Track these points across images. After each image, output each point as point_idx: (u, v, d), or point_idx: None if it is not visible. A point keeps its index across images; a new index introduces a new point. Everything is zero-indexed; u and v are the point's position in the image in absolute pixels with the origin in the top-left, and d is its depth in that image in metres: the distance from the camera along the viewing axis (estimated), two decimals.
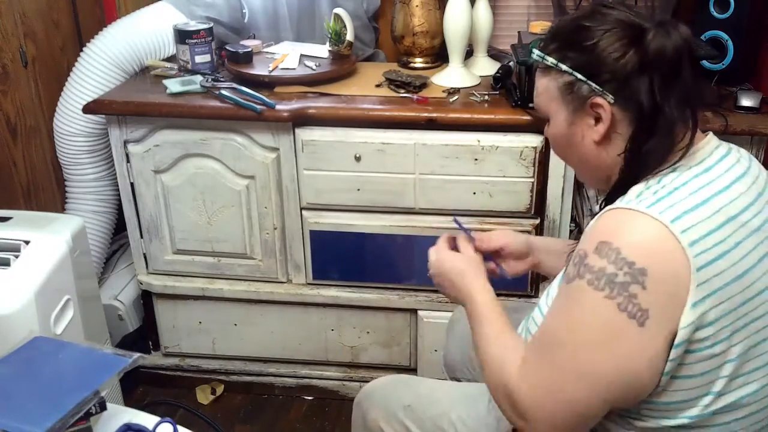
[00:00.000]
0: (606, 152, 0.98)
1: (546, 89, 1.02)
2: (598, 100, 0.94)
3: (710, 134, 0.99)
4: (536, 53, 1.03)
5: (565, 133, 1.01)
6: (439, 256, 1.21)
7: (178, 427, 1.08)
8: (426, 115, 1.73)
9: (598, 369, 0.87)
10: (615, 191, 0.96)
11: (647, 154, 0.93)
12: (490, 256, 1.28)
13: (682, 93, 0.92)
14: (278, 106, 1.75)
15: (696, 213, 0.87)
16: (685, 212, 0.86)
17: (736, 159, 0.97)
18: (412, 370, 2.04)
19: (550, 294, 1.06)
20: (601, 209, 0.95)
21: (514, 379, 0.94)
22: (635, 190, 0.92)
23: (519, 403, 0.93)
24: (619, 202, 0.91)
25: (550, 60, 0.99)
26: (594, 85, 0.95)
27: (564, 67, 0.97)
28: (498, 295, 1.12)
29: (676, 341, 0.85)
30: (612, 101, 0.94)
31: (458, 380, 1.48)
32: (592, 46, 0.94)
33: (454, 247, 1.23)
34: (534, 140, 1.71)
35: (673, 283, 0.84)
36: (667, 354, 0.86)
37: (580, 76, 0.96)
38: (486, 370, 1.01)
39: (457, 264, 1.17)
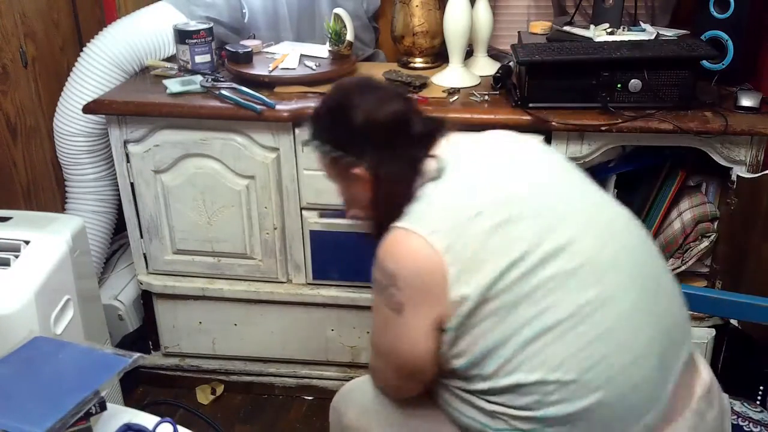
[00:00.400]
0: (375, 208, 1.18)
1: (324, 164, 1.22)
2: (357, 170, 1.14)
3: (454, 135, 1.18)
4: (311, 144, 1.23)
5: (345, 196, 1.24)
6: None
7: (178, 427, 1.08)
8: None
9: (380, 346, 1.15)
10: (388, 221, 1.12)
11: (390, 202, 1.11)
12: None
13: (398, 157, 1.11)
14: (278, 106, 1.75)
15: (436, 207, 1.07)
16: (427, 210, 1.07)
17: (476, 151, 1.16)
18: None
19: None
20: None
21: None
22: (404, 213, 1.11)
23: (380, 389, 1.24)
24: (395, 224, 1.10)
25: (316, 143, 1.20)
26: (349, 158, 1.14)
27: (325, 149, 1.18)
28: None
29: (454, 320, 1.03)
30: (365, 168, 1.14)
31: None
32: (331, 125, 1.17)
33: None
34: None
35: (424, 279, 1.03)
36: (429, 330, 1.05)
37: (338, 153, 1.16)
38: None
39: None
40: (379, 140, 1.12)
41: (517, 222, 1.04)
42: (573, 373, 1.00)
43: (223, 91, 1.80)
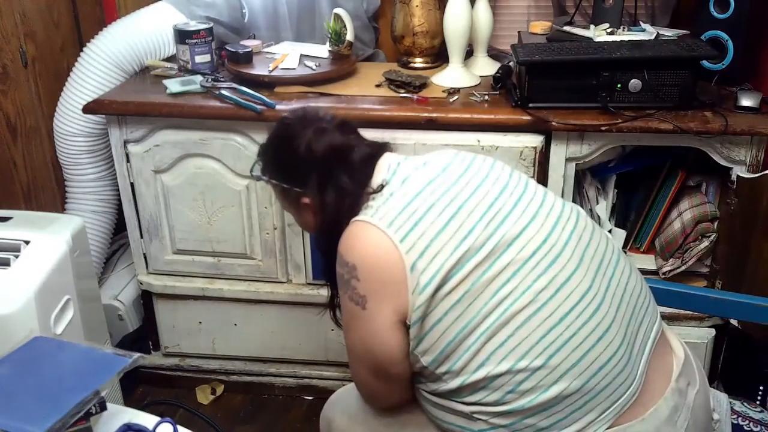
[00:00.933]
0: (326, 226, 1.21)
1: (275, 193, 1.30)
2: (304, 200, 1.19)
3: (391, 155, 1.21)
4: (253, 174, 1.31)
5: (298, 220, 1.30)
6: None
7: (178, 427, 1.08)
8: (426, 115, 1.73)
9: (351, 344, 1.15)
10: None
11: (332, 227, 1.15)
12: None
13: (339, 184, 1.16)
14: (278, 106, 1.75)
15: (390, 204, 1.09)
16: (381, 206, 1.09)
17: (421, 163, 1.18)
18: None
19: None
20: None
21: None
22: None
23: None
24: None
25: (264, 178, 1.26)
26: (295, 189, 1.20)
27: (273, 182, 1.24)
28: None
29: (416, 312, 1.04)
30: (310, 195, 1.19)
31: None
32: (276, 158, 1.24)
33: None
34: (534, 140, 1.71)
35: (383, 268, 1.05)
36: (395, 324, 1.06)
37: (285, 185, 1.22)
38: None
39: None
40: (320, 170, 1.17)
41: (469, 214, 1.08)
42: (541, 358, 1.02)
43: (223, 91, 1.80)
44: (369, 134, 1.75)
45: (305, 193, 1.19)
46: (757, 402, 1.51)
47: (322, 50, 2.04)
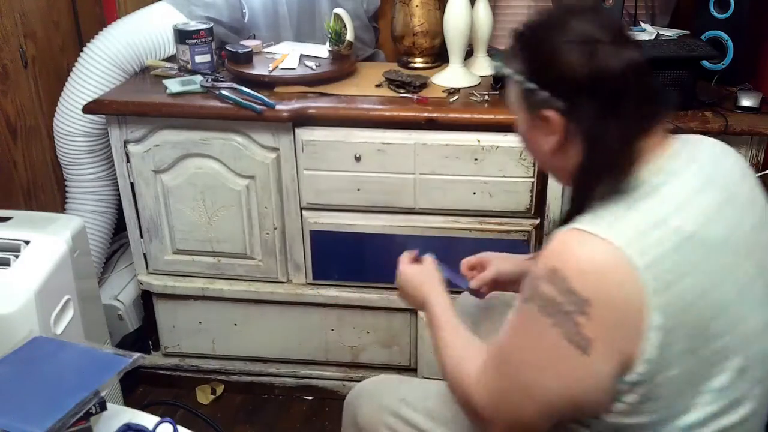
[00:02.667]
0: (563, 161, 0.97)
1: (511, 90, 1.01)
2: (548, 113, 0.93)
3: (675, 140, 0.97)
4: (496, 64, 1.04)
5: (524, 134, 1.02)
6: (400, 269, 1.29)
7: (178, 427, 1.08)
8: (426, 115, 1.73)
9: (542, 389, 0.90)
10: (572, 208, 0.95)
11: (590, 175, 0.93)
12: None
13: (621, 121, 0.90)
14: (278, 106, 1.75)
15: (652, 234, 0.86)
16: (640, 234, 0.86)
17: (699, 168, 0.95)
18: (412, 370, 2.04)
19: None
20: (562, 224, 0.95)
21: (471, 383, 0.99)
22: (594, 208, 0.92)
23: (475, 406, 0.98)
24: (577, 222, 0.90)
25: (507, 70, 1.00)
26: (546, 95, 0.93)
27: (517, 77, 0.97)
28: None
29: (637, 366, 0.85)
30: (562, 114, 0.92)
31: None
32: (550, 56, 0.92)
33: (418, 261, 1.31)
34: None
35: (622, 310, 0.84)
36: (614, 377, 0.87)
37: (531, 85, 0.95)
38: (444, 372, 1.07)
39: (415, 275, 1.25)
40: (598, 91, 0.89)
41: (723, 256, 0.90)
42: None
43: (223, 91, 1.80)
44: (369, 134, 1.77)
45: (554, 106, 0.93)
46: None
47: (322, 50, 2.04)
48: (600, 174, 0.91)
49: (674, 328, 0.85)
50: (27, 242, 1.51)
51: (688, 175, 0.93)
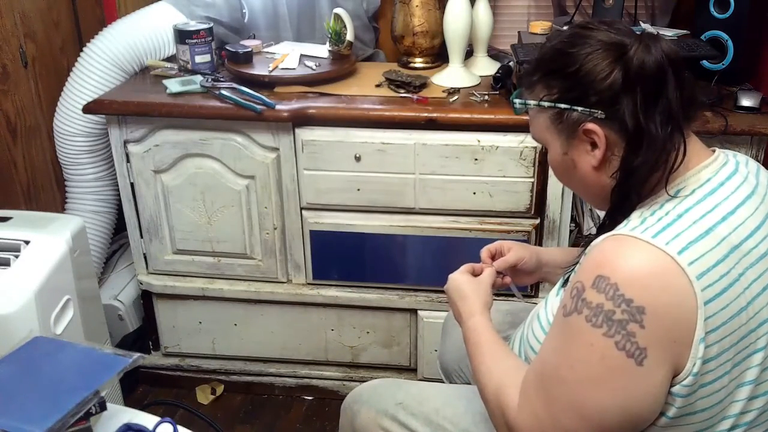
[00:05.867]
0: (606, 175, 0.96)
1: (538, 120, 1.00)
2: (590, 125, 0.92)
3: (717, 151, 0.97)
4: (517, 102, 1.01)
5: (561, 161, 1.00)
6: (453, 275, 1.22)
7: (178, 427, 1.08)
8: (426, 115, 1.73)
9: (595, 405, 0.86)
10: (614, 214, 0.94)
11: (637, 175, 0.91)
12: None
13: (666, 111, 0.89)
14: (278, 106, 1.75)
15: (701, 243, 0.85)
16: (690, 242, 0.84)
17: (743, 177, 0.94)
18: (412, 370, 2.04)
19: (548, 305, 1.07)
20: (599, 232, 0.93)
21: (512, 408, 0.94)
22: (637, 215, 0.91)
23: (517, 431, 0.93)
24: (622, 228, 0.89)
25: (531, 103, 0.99)
26: (582, 110, 0.92)
27: (546, 104, 0.96)
28: (499, 295, 1.12)
29: (683, 378, 0.84)
30: (603, 124, 0.92)
31: (453, 382, 1.48)
32: (575, 71, 0.92)
33: (476, 273, 1.23)
34: (534, 140, 1.71)
35: (675, 319, 0.82)
36: (667, 389, 0.85)
37: (564, 105, 0.94)
38: (483, 394, 1.02)
39: (463, 287, 1.18)
40: (637, 89, 0.89)
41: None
42: None
43: (223, 91, 1.80)
44: (369, 134, 1.77)
45: (594, 117, 0.92)
46: None
47: (322, 50, 2.04)
48: (649, 170, 0.90)
49: (719, 339, 0.84)
50: (27, 242, 1.51)
51: (731, 185, 0.92)
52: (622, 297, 0.82)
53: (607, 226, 0.93)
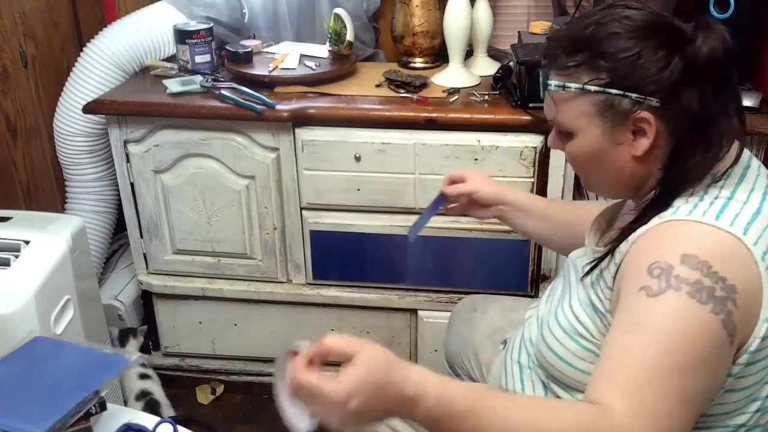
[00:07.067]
0: (644, 166, 0.92)
1: (573, 105, 0.93)
2: (644, 114, 0.88)
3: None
4: (554, 84, 0.93)
5: (596, 149, 0.93)
6: (323, 391, 0.82)
7: (178, 427, 1.08)
8: (426, 115, 1.73)
9: (698, 387, 0.79)
10: (656, 204, 0.90)
11: (693, 167, 0.88)
12: (441, 201, 1.31)
13: (731, 100, 0.88)
14: (278, 106, 1.75)
15: (756, 223, 0.84)
16: (749, 223, 0.84)
17: (759, 165, 0.95)
18: None
19: (554, 294, 1.05)
20: (639, 221, 0.90)
21: (615, 425, 0.77)
22: (683, 201, 0.88)
23: None
24: (675, 214, 0.86)
25: (573, 86, 0.91)
26: (636, 97, 0.88)
27: (592, 88, 0.90)
28: (497, 293, 1.09)
29: (743, 356, 0.83)
30: (656, 113, 0.88)
31: (457, 375, 1.48)
32: (632, 57, 0.87)
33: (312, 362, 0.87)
34: (534, 140, 1.71)
35: (752, 298, 0.82)
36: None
37: (615, 92, 0.89)
38: None
39: (363, 381, 0.82)
40: (699, 80, 0.86)
41: None
42: None
43: (223, 91, 1.80)
44: (369, 134, 1.77)
45: (650, 107, 0.88)
46: None
47: (322, 50, 2.04)
48: (704, 164, 0.88)
49: None
50: (27, 242, 1.51)
51: (756, 164, 0.93)
52: (716, 275, 0.79)
53: (648, 214, 0.89)
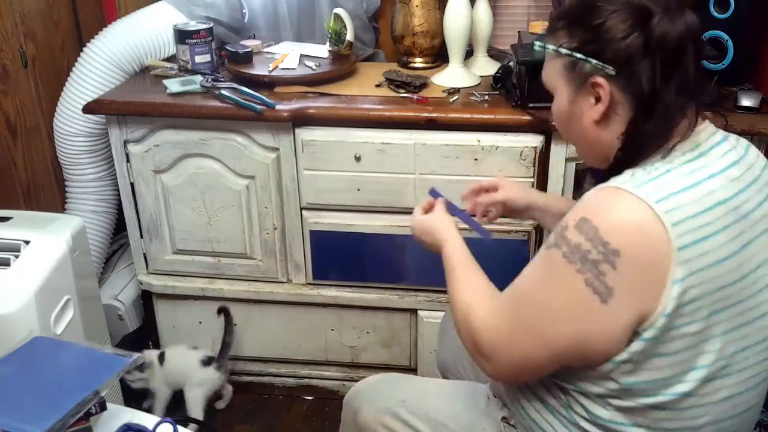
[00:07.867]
0: (605, 132, 1.01)
1: (552, 65, 1.04)
2: (598, 79, 0.97)
3: (707, 122, 1.01)
4: (537, 44, 1.06)
5: (566, 110, 1.04)
6: (414, 218, 1.32)
7: (178, 427, 1.08)
8: (426, 115, 1.73)
9: (553, 331, 0.94)
10: (610, 172, 0.99)
11: (644, 139, 0.96)
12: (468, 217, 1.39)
13: (682, 81, 0.94)
14: (278, 106, 1.75)
15: (684, 195, 0.90)
16: (672, 193, 0.90)
17: (732, 146, 1.00)
18: (412, 370, 2.04)
19: None
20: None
21: (478, 323, 1.03)
22: (630, 172, 0.95)
23: (481, 345, 1.02)
24: (612, 181, 0.94)
25: (550, 47, 1.02)
26: (595, 63, 0.96)
27: (564, 51, 0.99)
28: None
29: (660, 319, 0.89)
30: (612, 81, 0.96)
31: None
32: (598, 26, 0.96)
33: (430, 210, 1.33)
34: (534, 140, 1.71)
35: (647, 262, 0.88)
36: (628, 333, 0.90)
37: (579, 55, 0.98)
38: (454, 309, 1.10)
39: (427, 223, 1.28)
40: (655, 57, 0.93)
41: (753, 240, 0.94)
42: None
43: (223, 91, 1.80)
44: (369, 134, 1.77)
45: (605, 73, 0.95)
46: None
47: (322, 50, 2.04)
48: (656, 136, 0.95)
49: (696, 284, 0.89)
50: (27, 242, 1.51)
51: (720, 151, 0.98)
52: (600, 239, 0.88)
53: (606, 176, 0.98)
